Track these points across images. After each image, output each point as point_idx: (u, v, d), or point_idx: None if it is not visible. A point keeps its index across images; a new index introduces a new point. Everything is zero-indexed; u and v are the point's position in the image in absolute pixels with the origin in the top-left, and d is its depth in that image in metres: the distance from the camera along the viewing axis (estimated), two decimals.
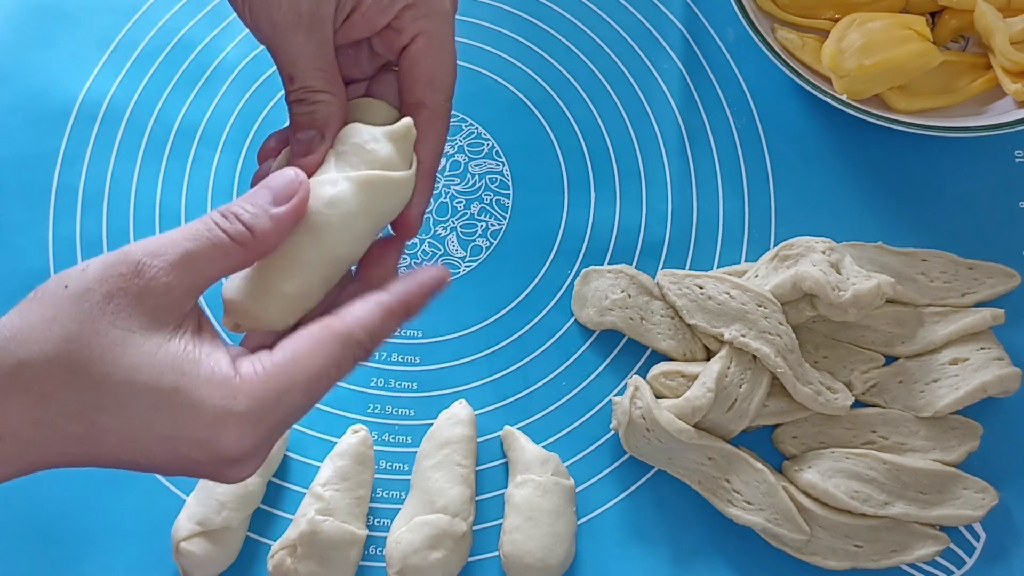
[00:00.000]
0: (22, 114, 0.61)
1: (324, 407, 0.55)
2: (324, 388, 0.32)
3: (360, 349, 0.32)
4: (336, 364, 0.31)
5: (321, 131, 0.36)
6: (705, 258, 0.58)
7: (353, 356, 0.32)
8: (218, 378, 0.30)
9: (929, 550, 0.50)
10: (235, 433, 0.30)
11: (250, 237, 0.32)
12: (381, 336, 0.33)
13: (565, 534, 0.51)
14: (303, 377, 0.31)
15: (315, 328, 0.32)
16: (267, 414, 0.30)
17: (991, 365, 0.53)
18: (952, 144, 0.60)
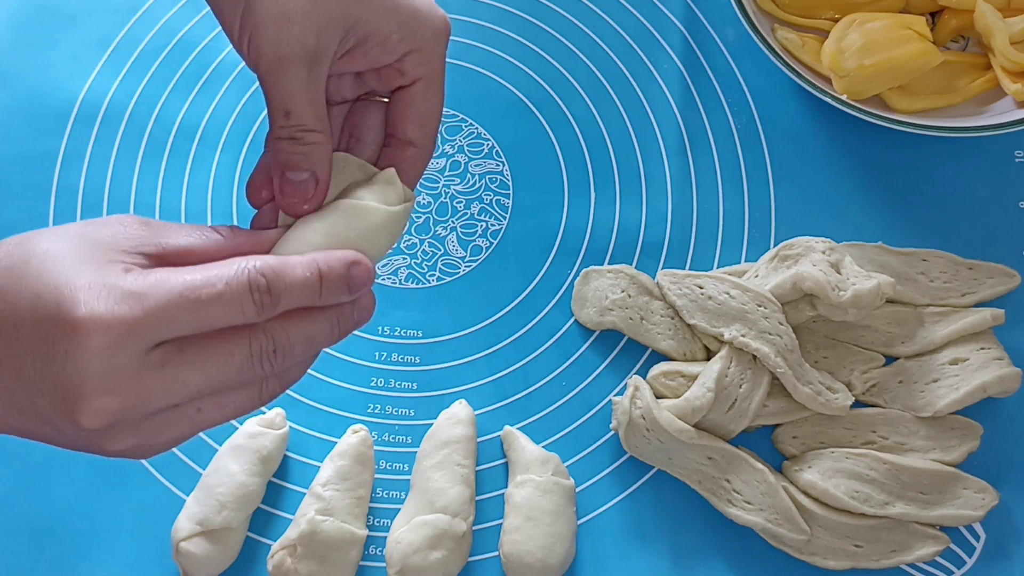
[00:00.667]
0: (22, 114, 0.61)
1: (324, 407, 0.55)
2: (207, 299, 0.29)
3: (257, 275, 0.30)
4: (224, 277, 0.30)
5: (315, 174, 0.35)
6: (705, 258, 0.58)
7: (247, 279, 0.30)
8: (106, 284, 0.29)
9: (929, 550, 0.50)
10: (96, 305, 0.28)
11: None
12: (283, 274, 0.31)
13: (565, 534, 0.51)
14: (183, 278, 0.29)
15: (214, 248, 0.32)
16: (140, 299, 0.29)
17: (991, 365, 0.53)
18: (952, 144, 0.60)
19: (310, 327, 0.33)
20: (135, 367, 0.29)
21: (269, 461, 0.52)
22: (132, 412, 0.30)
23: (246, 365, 0.31)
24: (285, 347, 0.32)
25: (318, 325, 0.33)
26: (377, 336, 0.57)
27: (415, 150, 0.39)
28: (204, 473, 0.52)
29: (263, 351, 0.31)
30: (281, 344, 0.32)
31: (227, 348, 0.31)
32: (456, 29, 0.64)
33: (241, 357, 0.31)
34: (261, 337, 0.31)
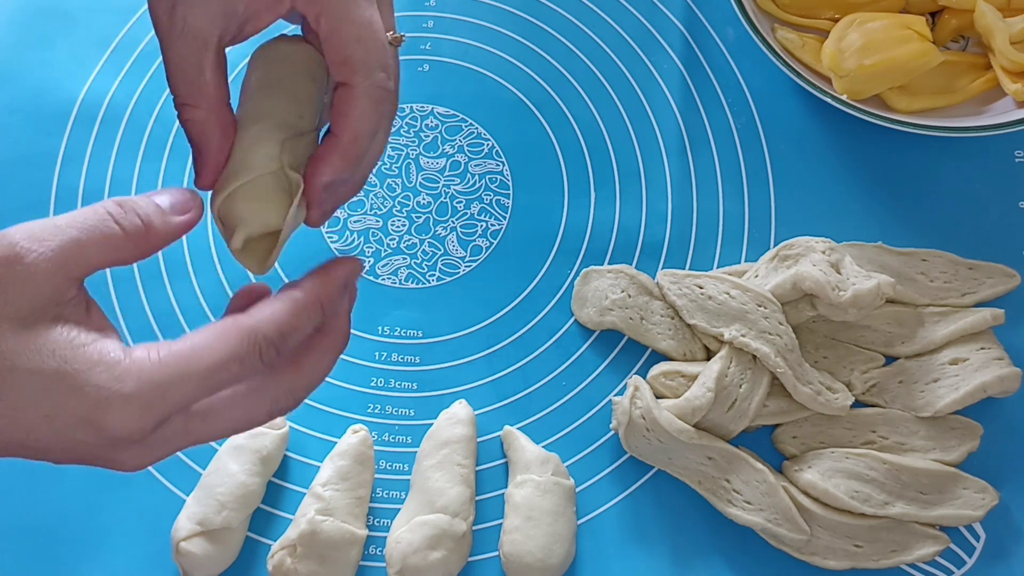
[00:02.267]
0: (22, 114, 0.61)
1: (324, 407, 0.55)
2: (224, 381, 0.31)
3: (267, 344, 0.32)
4: (238, 358, 0.31)
5: (201, 150, 0.35)
6: (705, 258, 0.58)
7: (259, 351, 0.31)
8: (106, 360, 0.30)
9: (929, 550, 0.50)
10: (121, 413, 0.29)
11: (144, 233, 0.32)
12: (293, 331, 0.33)
13: (565, 534, 0.51)
14: (200, 366, 0.30)
15: (222, 322, 0.32)
16: (158, 398, 0.30)
17: (991, 365, 0.53)
18: (952, 144, 0.60)
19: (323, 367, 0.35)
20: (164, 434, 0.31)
21: (269, 461, 0.52)
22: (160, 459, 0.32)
23: (264, 420, 0.33)
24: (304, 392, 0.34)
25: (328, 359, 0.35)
26: (377, 336, 0.57)
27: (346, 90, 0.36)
28: (204, 473, 0.52)
29: (283, 409, 0.34)
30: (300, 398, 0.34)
31: (249, 415, 0.33)
32: (456, 29, 0.65)
33: (261, 417, 0.33)
34: (282, 401, 0.33)
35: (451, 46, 0.64)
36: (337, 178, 0.36)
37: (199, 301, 0.57)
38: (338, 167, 0.36)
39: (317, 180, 0.35)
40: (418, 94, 0.63)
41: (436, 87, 0.63)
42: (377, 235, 0.59)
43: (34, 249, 0.30)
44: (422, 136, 0.62)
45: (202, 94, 0.35)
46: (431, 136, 0.62)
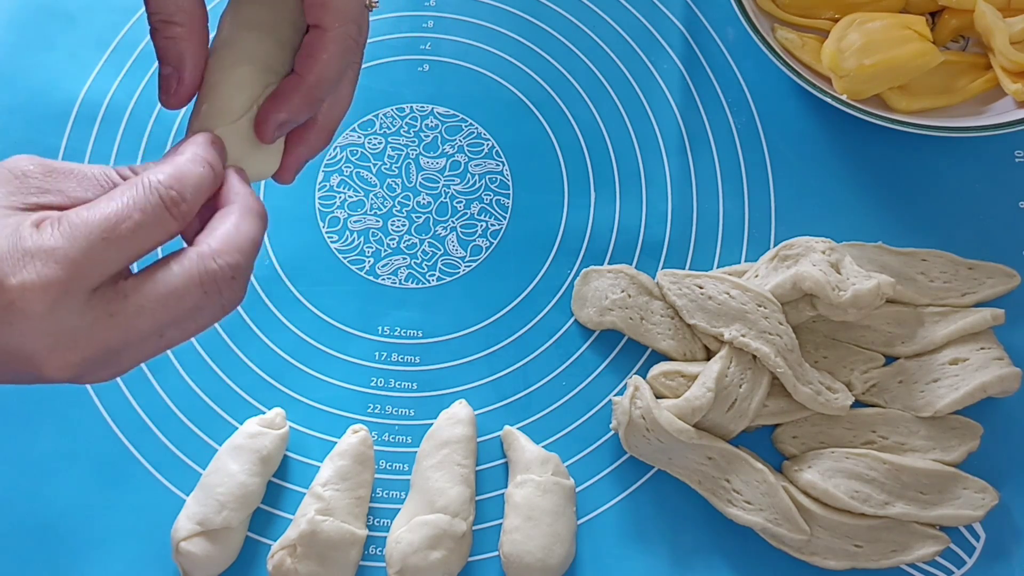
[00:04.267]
0: (22, 114, 0.61)
1: (324, 407, 0.55)
2: (130, 232, 0.30)
3: (165, 188, 0.30)
4: (139, 205, 0.30)
5: (178, 69, 0.35)
6: (705, 258, 0.58)
7: (159, 196, 0.30)
8: (17, 228, 0.29)
9: (929, 550, 0.50)
10: (23, 272, 0.28)
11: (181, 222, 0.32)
12: (183, 175, 0.31)
13: (565, 534, 0.51)
14: (97, 217, 0.29)
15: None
16: (61, 253, 0.28)
17: (991, 365, 0.53)
18: (952, 144, 0.60)
19: (248, 230, 0.32)
20: (85, 319, 0.29)
21: (269, 461, 0.52)
22: (95, 360, 0.30)
23: (202, 300, 0.31)
24: (240, 265, 0.32)
25: (249, 221, 0.33)
26: (377, 336, 0.57)
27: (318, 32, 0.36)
28: (204, 473, 0.52)
29: (218, 281, 0.31)
30: (235, 264, 0.31)
31: (178, 290, 0.30)
32: (456, 29, 0.65)
33: (194, 296, 0.31)
34: (212, 266, 0.31)
35: (451, 46, 0.64)
36: (293, 118, 0.36)
37: None
38: (296, 106, 0.36)
39: (273, 116, 0.35)
40: (418, 94, 0.63)
41: (436, 87, 0.63)
42: (377, 235, 0.59)
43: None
44: (422, 136, 0.62)
45: (183, 11, 0.35)
46: (431, 136, 0.62)
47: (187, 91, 0.36)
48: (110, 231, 0.29)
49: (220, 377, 0.56)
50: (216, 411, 0.55)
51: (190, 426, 0.55)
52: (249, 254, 0.32)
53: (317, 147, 0.38)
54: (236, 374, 0.56)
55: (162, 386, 0.56)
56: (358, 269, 0.58)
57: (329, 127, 0.38)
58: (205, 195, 0.32)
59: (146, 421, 0.55)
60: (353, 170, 0.61)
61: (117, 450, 0.54)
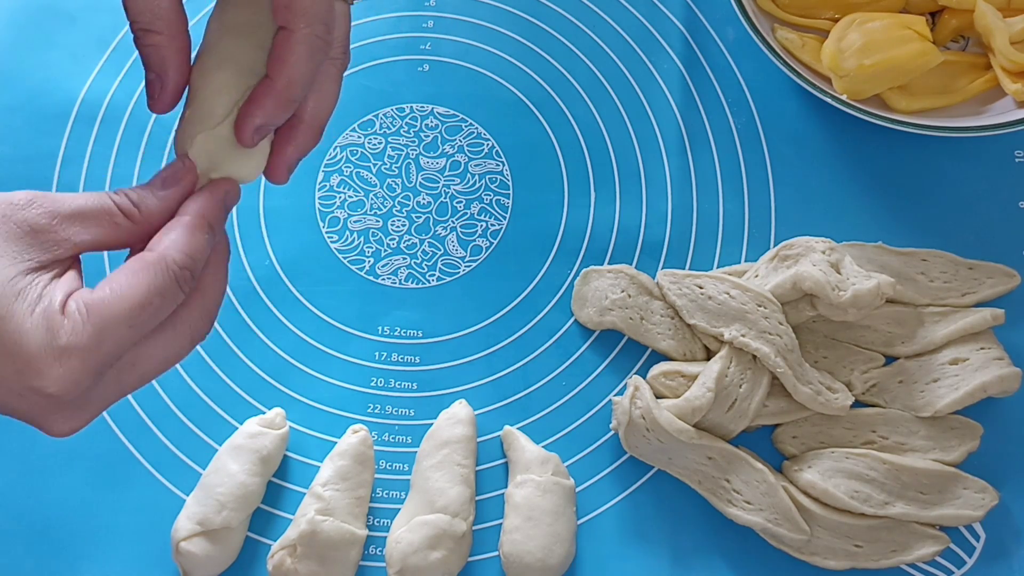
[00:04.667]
0: (22, 114, 0.61)
1: (324, 407, 0.55)
2: (150, 317, 0.32)
3: (180, 270, 0.33)
4: (159, 291, 0.32)
5: (160, 75, 0.36)
6: (705, 258, 0.58)
7: (175, 278, 0.33)
8: (46, 313, 0.31)
9: (929, 550, 0.50)
10: (57, 369, 0.30)
11: (136, 212, 0.34)
12: (194, 252, 0.34)
13: (565, 534, 0.51)
14: (124, 308, 0.31)
15: (130, 262, 0.33)
16: (91, 349, 0.31)
17: (991, 365, 0.53)
18: (952, 144, 0.60)
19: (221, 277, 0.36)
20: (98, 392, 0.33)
21: (269, 461, 0.52)
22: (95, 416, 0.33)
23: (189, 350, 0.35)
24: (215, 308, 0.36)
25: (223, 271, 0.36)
26: (377, 336, 0.57)
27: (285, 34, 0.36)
28: (204, 473, 0.52)
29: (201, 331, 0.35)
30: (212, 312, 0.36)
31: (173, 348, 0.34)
32: (456, 29, 0.65)
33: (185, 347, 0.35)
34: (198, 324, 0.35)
35: (451, 46, 0.64)
36: (269, 121, 0.36)
37: None
38: (271, 109, 0.36)
39: (249, 120, 0.36)
40: (418, 94, 0.63)
41: (436, 87, 0.63)
42: (377, 235, 0.59)
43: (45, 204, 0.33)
44: (422, 136, 0.62)
45: (161, 19, 0.35)
46: (431, 136, 0.62)
47: (171, 95, 0.36)
48: (134, 319, 0.32)
49: (220, 377, 0.56)
50: (216, 411, 0.55)
51: (190, 426, 0.55)
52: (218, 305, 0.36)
53: (306, 146, 0.39)
54: (236, 374, 0.56)
55: (162, 386, 0.56)
56: (358, 269, 0.58)
57: (316, 125, 0.39)
58: (205, 257, 0.35)
59: (146, 421, 0.55)
60: (353, 170, 0.61)
61: (117, 450, 0.54)
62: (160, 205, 0.35)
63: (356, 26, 0.64)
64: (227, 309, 0.57)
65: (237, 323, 0.57)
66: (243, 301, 0.57)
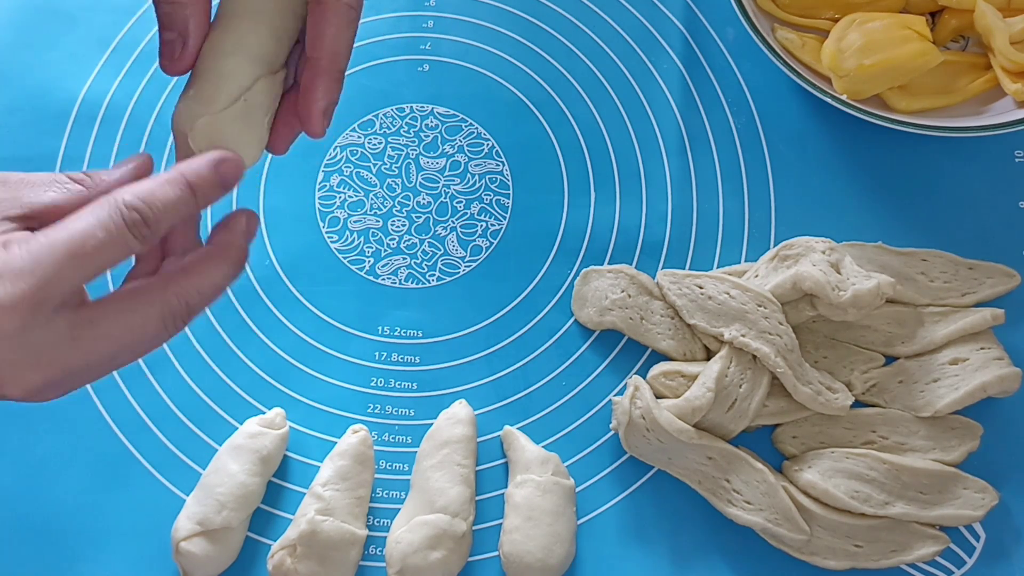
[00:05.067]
0: (22, 114, 0.61)
1: (324, 407, 0.55)
2: (93, 252, 0.30)
3: (128, 209, 0.31)
4: (101, 224, 0.31)
5: (183, 35, 0.36)
6: (705, 258, 0.58)
7: (121, 215, 0.31)
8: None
9: (929, 550, 0.50)
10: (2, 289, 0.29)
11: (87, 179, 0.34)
12: (152, 199, 0.32)
13: (565, 534, 0.51)
14: (63, 236, 0.30)
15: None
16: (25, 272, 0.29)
17: (991, 365, 0.53)
18: (952, 144, 0.60)
19: (216, 276, 0.34)
20: (49, 340, 0.31)
21: (269, 461, 0.52)
22: (54, 381, 0.31)
23: (160, 331, 0.33)
24: (196, 304, 0.34)
25: (221, 270, 0.34)
26: (377, 336, 0.57)
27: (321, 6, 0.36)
28: (204, 473, 0.52)
29: (175, 315, 0.33)
30: (193, 303, 0.33)
31: (140, 320, 0.32)
32: (456, 29, 0.65)
33: (155, 327, 0.33)
34: (173, 302, 0.33)
35: (451, 46, 0.64)
36: (329, 100, 0.37)
37: None
38: (330, 89, 0.37)
39: (314, 108, 0.37)
40: (418, 94, 0.63)
41: (436, 87, 0.63)
42: (377, 235, 0.59)
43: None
44: (422, 136, 0.62)
45: None
46: (431, 136, 0.62)
47: (190, 58, 0.36)
48: (76, 249, 0.30)
49: (220, 377, 0.56)
50: (216, 411, 0.55)
51: (190, 426, 0.55)
52: (208, 298, 0.34)
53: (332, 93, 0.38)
54: (236, 374, 0.56)
55: (162, 386, 0.56)
56: (358, 269, 0.58)
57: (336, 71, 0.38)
58: (176, 218, 0.33)
59: (146, 421, 0.55)
60: (353, 170, 0.61)
61: (117, 450, 0.54)
62: (116, 173, 0.34)
63: None
64: (227, 309, 0.57)
65: (237, 323, 0.57)
66: (243, 301, 0.57)
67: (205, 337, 0.57)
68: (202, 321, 0.57)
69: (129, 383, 0.56)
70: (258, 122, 0.36)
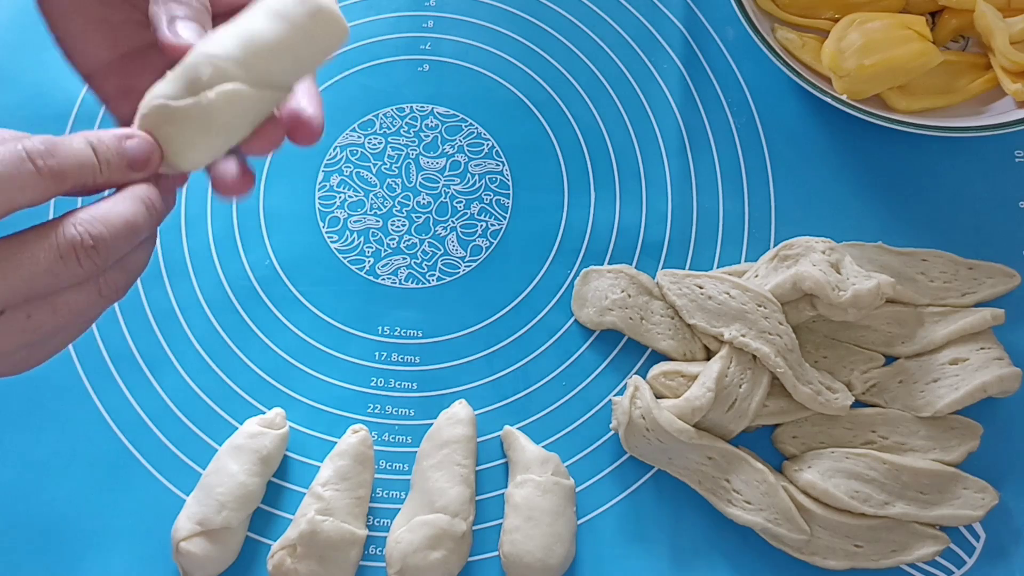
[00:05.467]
0: (22, 114, 0.61)
1: (324, 407, 0.55)
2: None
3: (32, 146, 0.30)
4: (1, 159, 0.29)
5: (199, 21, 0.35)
6: (705, 258, 0.58)
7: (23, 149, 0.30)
8: None
9: (929, 550, 0.50)
10: None
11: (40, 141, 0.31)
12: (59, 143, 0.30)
13: (565, 534, 0.51)
14: None
15: None
16: None
17: (991, 365, 0.53)
18: (952, 144, 0.60)
19: (123, 210, 0.32)
20: None
21: (269, 461, 0.52)
22: None
23: (58, 266, 0.30)
24: (102, 237, 0.31)
25: (130, 206, 0.32)
26: (377, 336, 0.57)
27: None
28: (204, 473, 0.52)
29: (76, 247, 0.30)
30: (97, 235, 0.31)
31: (30, 252, 0.30)
32: (456, 29, 0.65)
33: (48, 259, 0.30)
34: (71, 231, 0.30)
35: (451, 46, 0.64)
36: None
37: (199, 300, 0.57)
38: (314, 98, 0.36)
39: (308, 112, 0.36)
40: (418, 94, 0.63)
41: (436, 87, 0.63)
42: (377, 235, 0.59)
43: None
44: (422, 136, 0.62)
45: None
46: (431, 136, 0.62)
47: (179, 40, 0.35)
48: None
49: (220, 377, 0.56)
50: (216, 411, 0.55)
51: (190, 426, 0.55)
52: (117, 230, 0.31)
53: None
54: (236, 374, 0.56)
55: (162, 386, 0.56)
56: (358, 269, 0.58)
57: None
58: (81, 176, 0.31)
59: (146, 421, 0.55)
60: (353, 170, 0.61)
61: (117, 450, 0.54)
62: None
63: (356, 26, 0.64)
64: (227, 309, 0.57)
65: (237, 323, 0.57)
66: (243, 301, 0.57)
67: (205, 337, 0.57)
68: (202, 321, 0.57)
69: (129, 383, 0.56)
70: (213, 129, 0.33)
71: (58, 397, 0.55)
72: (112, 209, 0.31)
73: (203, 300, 0.58)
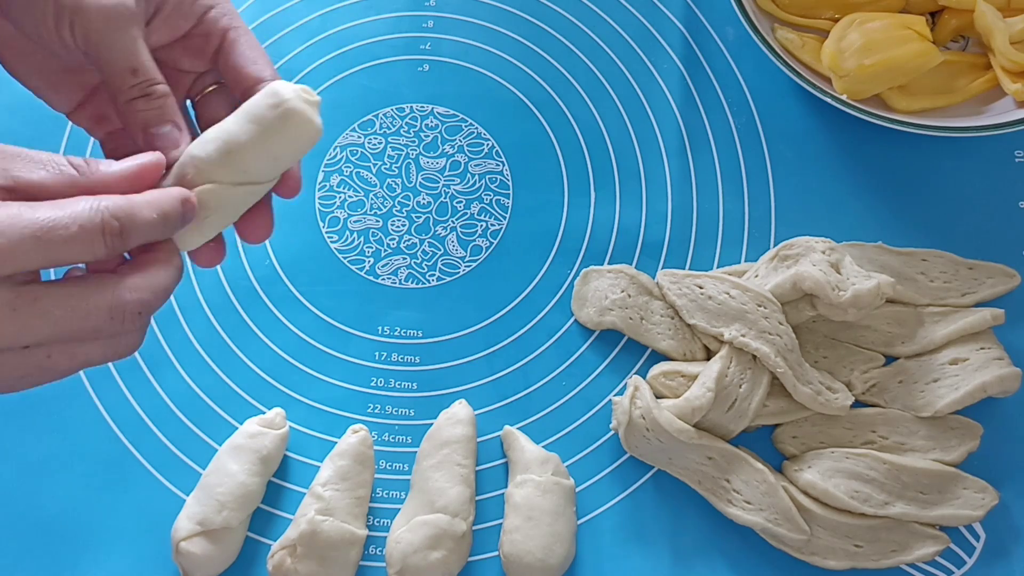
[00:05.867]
0: (22, 114, 0.61)
1: (324, 407, 0.55)
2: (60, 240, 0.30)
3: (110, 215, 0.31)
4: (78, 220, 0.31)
5: (175, 123, 0.37)
6: (705, 258, 0.58)
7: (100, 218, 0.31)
8: None
9: (929, 550, 0.50)
10: None
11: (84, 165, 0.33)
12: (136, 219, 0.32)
13: (565, 534, 0.51)
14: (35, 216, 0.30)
15: None
16: None
17: (991, 365, 0.53)
18: (952, 144, 0.60)
19: (164, 279, 0.34)
20: None
21: (269, 461, 0.52)
22: None
23: (106, 324, 0.32)
24: (150, 304, 0.33)
25: (172, 274, 0.34)
26: (377, 336, 0.57)
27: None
28: (204, 473, 0.52)
29: (126, 311, 0.32)
30: (147, 302, 0.33)
31: (85, 304, 0.31)
32: (456, 29, 0.65)
33: (100, 316, 0.32)
34: (127, 296, 0.32)
35: (451, 46, 0.64)
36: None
37: (199, 300, 0.57)
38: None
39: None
40: (418, 94, 0.63)
41: (436, 87, 0.63)
42: (377, 235, 0.59)
43: None
44: (422, 136, 0.62)
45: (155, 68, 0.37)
46: (431, 136, 0.62)
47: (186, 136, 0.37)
48: (44, 233, 0.30)
49: (220, 377, 0.56)
50: (216, 411, 0.55)
51: (190, 426, 0.55)
52: (159, 297, 0.34)
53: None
54: (236, 374, 0.56)
55: (162, 386, 0.56)
56: (358, 269, 0.58)
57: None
58: (145, 240, 0.33)
59: (146, 421, 0.55)
60: (353, 170, 0.61)
61: (117, 450, 0.54)
62: (116, 167, 0.33)
63: (356, 26, 0.64)
64: (227, 309, 0.57)
65: (237, 323, 0.57)
66: (243, 301, 0.57)
67: (205, 337, 0.57)
68: (202, 321, 0.57)
69: (129, 383, 0.56)
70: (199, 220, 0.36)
71: (58, 397, 0.55)
72: (157, 277, 0.34)
73: (203, 300, 0.58)
